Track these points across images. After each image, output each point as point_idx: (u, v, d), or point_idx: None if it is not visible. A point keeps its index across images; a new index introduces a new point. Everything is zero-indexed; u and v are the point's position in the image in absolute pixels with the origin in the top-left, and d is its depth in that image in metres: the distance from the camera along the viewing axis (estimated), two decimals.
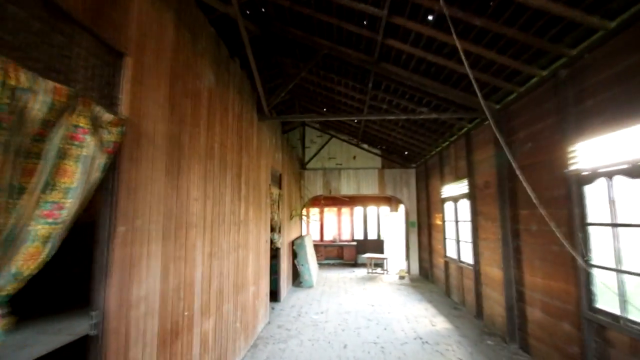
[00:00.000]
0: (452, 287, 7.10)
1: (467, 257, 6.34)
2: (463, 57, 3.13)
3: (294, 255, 8.45)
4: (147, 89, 2.20)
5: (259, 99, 4.89)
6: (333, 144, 10.86)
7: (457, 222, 6.91)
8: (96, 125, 1.73)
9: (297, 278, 8.68)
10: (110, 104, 1.93)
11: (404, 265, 10.79)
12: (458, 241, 6.82)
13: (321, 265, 12.62)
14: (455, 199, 6.99)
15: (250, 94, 4.75)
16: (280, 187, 7.10)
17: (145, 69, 2.17)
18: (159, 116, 2.35)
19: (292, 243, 8.47)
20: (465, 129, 6.21)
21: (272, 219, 6.13)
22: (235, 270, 3.94)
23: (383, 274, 10.31)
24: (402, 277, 9.56)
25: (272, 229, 6.31)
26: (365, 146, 10.70)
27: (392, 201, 13.23)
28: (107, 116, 1.78)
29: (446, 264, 7.44)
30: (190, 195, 2.81)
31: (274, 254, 7.14)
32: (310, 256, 8.83)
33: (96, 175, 1.69)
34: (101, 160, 1.73)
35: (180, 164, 2.65)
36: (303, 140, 10.89)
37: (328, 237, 13.67)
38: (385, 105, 6.80)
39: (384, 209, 13.39)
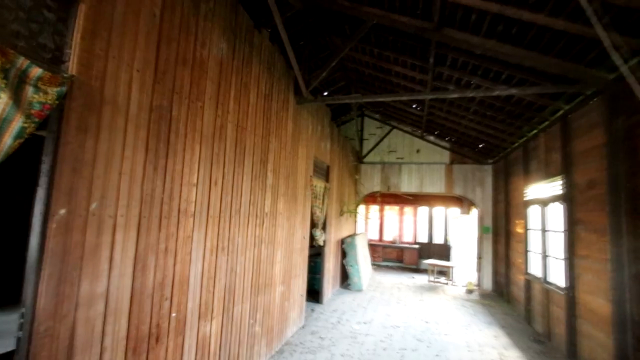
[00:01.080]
0: (535, 312, 5.66)
1: (558, 277, 4.92)
2: None
3: (343, 254, 7.85)
4: (115, 47, 1.84)
5: (297, 79, 4.39)
6: (394, 136, 9.87)
7: (544, 231, 5.44)
8: (18, 81, 1.39)
9: (346, 279, 8.07)
10: (55, 59, 1.60)
11: (473, 276, 9.29)
12: (545, 256, 5.36)
13: (378, 267, 11.76)
14: (543, 202, 5.52)
15: (285, 72, 4.28)
16: (327, 180, 6.55)
17: (110, 22, 1.81)
18: (136, 82, 1.98)
19: (342, 241, 7.87)
20: (561, 112, 4.77)
21: (313, 214, 5.63)
22: (256, 267, 3.53)
23: (447, 284, 9.01)
24: (470, 291, 8.18)
25: (314, 225, 5.81)
26: (431, 138, 9.45)
27: (463, 202, 11.61)
28: (38, 71, 1.43)
29: (527, 282, 5.98)
30: (186, 179, 2.43)
31: (317, 251, 6.67)
32: (361, 257, 8.12)
33: (11, 141, 1.36)
34: (22, 124, 1.39)
35: (170, 142, 2.28)
36: (361, 132, 10.15)
37: (388, 237, 12.70)
38: (452, 86, 5.68)
39: (453, 211, 11.83)
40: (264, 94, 3.67)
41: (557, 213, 5.07)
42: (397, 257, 12.12)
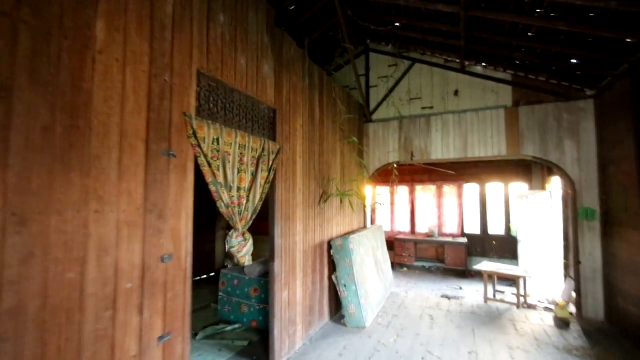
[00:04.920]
0: None
1: None
2: None
3: (334, 266, 4.74)
4: None
5: None
6: (416, 75, 6.39)
7: None
8: None
9: (340, 307, 4.97)
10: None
11: (559, 288, 5.63)
12: None
13: (409, 269, 8.49)
14: None
15: None
16: (273, 138, 3.46)
17: None
18: None
19: (329, 245, 4.76)
20: None
21: (215, 199, 2.61)
22: None
23: (517, 305, 5.47)
24: (563, 323, 4.63)
25: (229, 226, 2.79)
26: (478, 69, 5.83)
27: (533, 172, 7.76)
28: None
29: None
30: None
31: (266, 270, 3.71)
32: (365, 268, 4.94)
33: None
34: None
35: None
36: (367, 75, 6.81)
37: (422, 228, 9.27)
38: None
39: (518, 187, 8.04)
40: None
41: None
42: (435, 256, 8.69)
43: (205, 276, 7.33)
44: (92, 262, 1.71)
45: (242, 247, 2.75)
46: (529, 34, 4.38)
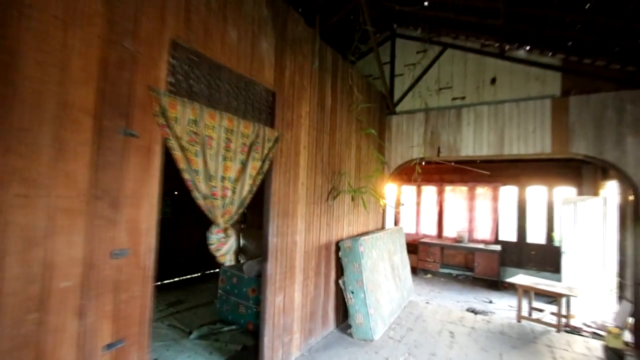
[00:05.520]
0: None
1: None
2: None
3: (341, 270, 4.31)
4: None
5: None
6: (447, 63, 5.72)
7: None
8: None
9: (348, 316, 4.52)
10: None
11: (616, 315, 4.76)
12: None
13: (434, 276, 7.84)
14: None
15: None
16: (271, 124, 3.08)
17: None
18: None
19: (337, 247, 4.33)
20: None
21: (190, 189, 2.29)
22: None
23: (556, 328, 4.69)
24: (614, 354, 3.84)
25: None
26: (521, 53, 5.07)
27: (583, 175, 6.77)
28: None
29: None
30: None
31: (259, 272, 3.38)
32: (375, 275, 4.46)
33: None
34: None
35: None
36: (392, 62, 6.24)
37: (450, 232, 8.53)
38: None
39: (565, 192, 7.07)
40: None
41: None
42: (464, 263, 7.94)
43: (217, 270, 7.21)
44: (12, 256, 1.44)
45: (221, 245, 2.41)
46: (586, 6, 3.63)
